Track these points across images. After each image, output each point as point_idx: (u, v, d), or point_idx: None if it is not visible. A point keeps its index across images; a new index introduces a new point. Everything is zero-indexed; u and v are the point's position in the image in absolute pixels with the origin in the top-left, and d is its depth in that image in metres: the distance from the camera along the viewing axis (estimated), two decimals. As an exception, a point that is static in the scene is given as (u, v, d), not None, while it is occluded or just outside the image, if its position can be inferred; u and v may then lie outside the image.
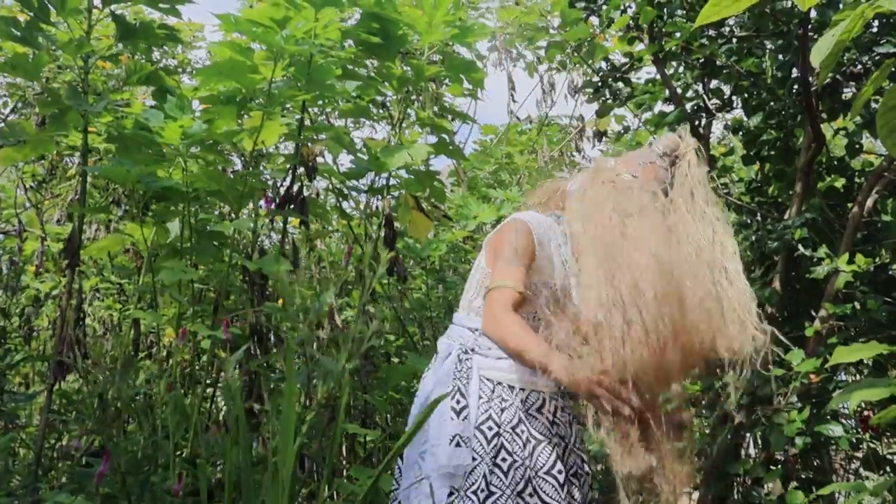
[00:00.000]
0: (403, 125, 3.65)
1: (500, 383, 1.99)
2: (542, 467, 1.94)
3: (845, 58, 3.13)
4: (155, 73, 3.10)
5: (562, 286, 2.02)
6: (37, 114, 3.87)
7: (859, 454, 3.34)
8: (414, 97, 3.91)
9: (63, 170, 4.47)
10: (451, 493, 1.86)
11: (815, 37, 2.68)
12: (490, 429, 1.92)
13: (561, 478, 1.95)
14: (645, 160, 2.13)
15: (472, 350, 2.03)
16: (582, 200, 2.01)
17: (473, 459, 1.88)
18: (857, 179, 3.43)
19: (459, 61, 3.29)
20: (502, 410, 1.96)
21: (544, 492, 1.91)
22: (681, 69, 3.66)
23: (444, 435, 1.90)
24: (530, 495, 1.90)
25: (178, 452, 2.48)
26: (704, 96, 3.55)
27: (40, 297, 3.94)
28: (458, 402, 1.94)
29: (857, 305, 2.93)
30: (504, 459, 1.90)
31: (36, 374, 4.12)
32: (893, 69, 2.44)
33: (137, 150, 2.88)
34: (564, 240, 2.09)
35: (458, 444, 1.88)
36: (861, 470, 3.33)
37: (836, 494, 3.36)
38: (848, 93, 3.32)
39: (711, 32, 3.41)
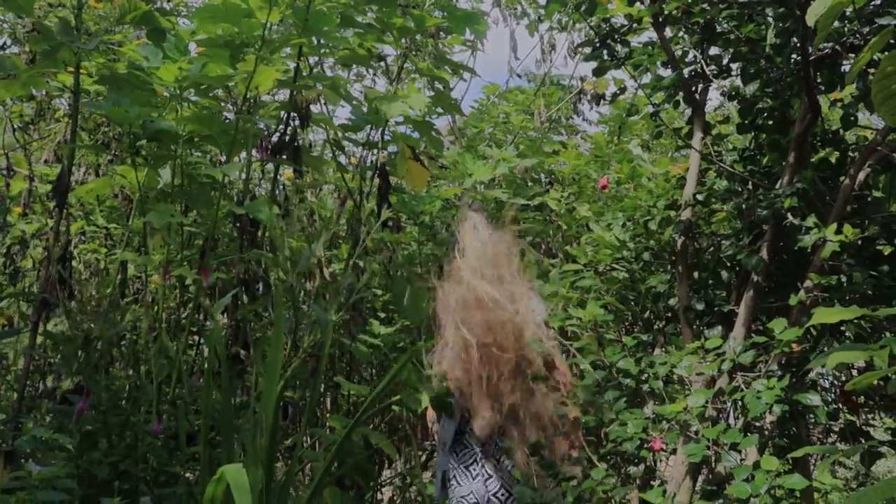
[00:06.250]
0: (402, 78, 3.62)
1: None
2: None
3: (846, 29, 3.10)
4: (150, 14, 3.05)
5: None
6: (27, 52, 3.82)
7: (836, 428, 3.37)
8: (414, 53, 3.86)
9: (52, 111, 4.41)
10: None
11: (818, 5, 2.65)
12: None
13: None
14: None
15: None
16: None
17: None
18: (850, 153, 3.41)
19: (462, 12, 3.25)
20: None
21: None
22: (680, 33, 3.61)
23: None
24: None
25: (162, 400, 2.49)
26: (703, 62, 3.51)
27: (26, 238, 3.91)
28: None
29: (843, 278, 2.93)
30: None
31: (20, 315, 4.10)
32: (892, 40, 2.43)
33: (130, 92, 2.85)
34: None
35: None
36: (838, 443, 3.36)
37: (811, 467, 3.41)
38: (847, 66, 3.29)
39: (713, -3, 3.36)
